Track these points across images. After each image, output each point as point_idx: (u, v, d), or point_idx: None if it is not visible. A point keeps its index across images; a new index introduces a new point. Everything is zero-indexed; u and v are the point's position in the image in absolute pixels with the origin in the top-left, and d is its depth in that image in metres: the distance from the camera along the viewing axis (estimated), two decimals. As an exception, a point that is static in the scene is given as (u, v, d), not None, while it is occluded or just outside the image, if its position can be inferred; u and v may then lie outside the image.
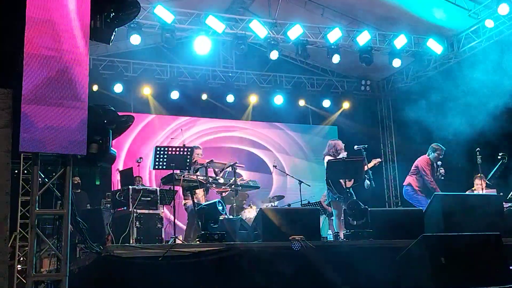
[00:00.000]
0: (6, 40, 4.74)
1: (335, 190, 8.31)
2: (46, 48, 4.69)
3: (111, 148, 5.22)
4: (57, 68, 4.72)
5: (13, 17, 4.66)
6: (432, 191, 8.72)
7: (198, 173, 8.51)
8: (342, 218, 8.55)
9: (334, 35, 11.69)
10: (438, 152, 9.29)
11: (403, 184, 9.62)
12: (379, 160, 9.47)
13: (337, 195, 8.35)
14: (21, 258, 8.25)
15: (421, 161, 9.37)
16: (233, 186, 8.70)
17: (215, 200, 7.17)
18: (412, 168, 9.46)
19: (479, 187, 9.34)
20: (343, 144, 8.92)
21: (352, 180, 8.31)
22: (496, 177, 9.23)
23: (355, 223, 7.29)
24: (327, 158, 8.63)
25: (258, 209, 8.00)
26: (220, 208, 7.07)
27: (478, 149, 9.06)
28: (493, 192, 9.15)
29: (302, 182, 10.44)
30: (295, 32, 11.54)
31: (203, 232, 6.88)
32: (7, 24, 4.73)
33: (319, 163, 11.65)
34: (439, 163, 9.30)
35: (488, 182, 9.33)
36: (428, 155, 9.38)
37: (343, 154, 8.65)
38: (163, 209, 8.49)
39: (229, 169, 8.83)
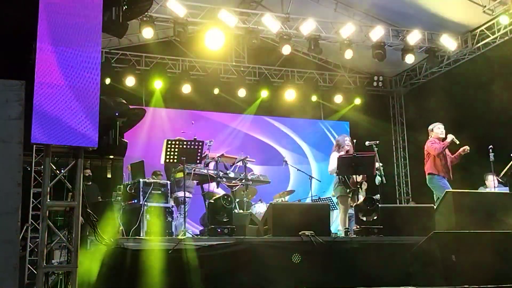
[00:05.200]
0: (19, 32, 4.77)
1: (349, 184, 8.29)
2: (58, 41, 4.71)
3: (123, 139, 5.23)
4: (69, 61, 4.74)
5: (26, 9, 4.68)
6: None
7: (208, 167, 8.52)
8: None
9: (347, 30, 11.64)
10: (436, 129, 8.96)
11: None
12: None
13: (350, 190, 8.33)
14: (33, 249, 8.32)
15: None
16: (243, 181, 8.71)
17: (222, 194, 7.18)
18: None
19: (491, 183, 9.23)
20: (348, 140, 8.83)
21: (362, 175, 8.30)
22: (509, 175, 9.12)
23: (365, 219, 7.28)
24: (334, 154, 8.62)
25: (268, 204, 8.00)
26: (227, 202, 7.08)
27: (491, 146, 8.96)
28: (505, 190, 9.06)
29: (313, 177, 10.41)
30: (307, 27, 11.49)
31: (212, 226, 6.88)
32: (19, 16, 4.75)
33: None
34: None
35: (500, 180, 9.24)
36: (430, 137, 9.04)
37: (347, 149, 8.61)
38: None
39: (240, 163, 8.83)
